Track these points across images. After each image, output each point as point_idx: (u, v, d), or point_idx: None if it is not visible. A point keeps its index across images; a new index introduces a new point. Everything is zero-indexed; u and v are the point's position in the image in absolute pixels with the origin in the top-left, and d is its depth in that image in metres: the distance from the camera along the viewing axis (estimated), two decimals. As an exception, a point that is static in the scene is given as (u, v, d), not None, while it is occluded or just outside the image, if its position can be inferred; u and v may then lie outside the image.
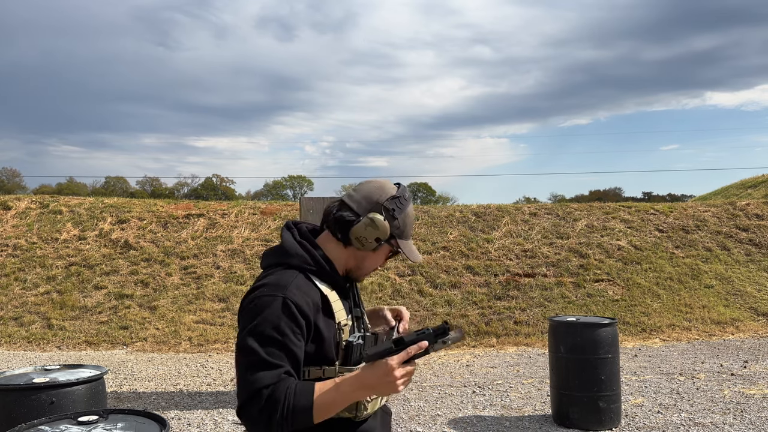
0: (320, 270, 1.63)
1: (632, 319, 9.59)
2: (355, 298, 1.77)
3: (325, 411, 1.50)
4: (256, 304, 1.54)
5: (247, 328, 1.53)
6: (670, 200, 43.26)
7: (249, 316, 1.54)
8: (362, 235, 1.62)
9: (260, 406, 1.48)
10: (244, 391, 1.50)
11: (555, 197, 56.86)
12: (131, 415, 2.04)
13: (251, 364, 1.50)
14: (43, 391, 3.03)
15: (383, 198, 1.64)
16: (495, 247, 11.57)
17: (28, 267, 11.10)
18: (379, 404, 1.69)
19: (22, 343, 9.17)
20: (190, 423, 5.48)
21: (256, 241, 11.80)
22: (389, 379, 1.46)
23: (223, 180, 65.49)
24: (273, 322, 1.51)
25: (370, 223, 1.61)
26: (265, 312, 1.52)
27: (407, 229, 1.69)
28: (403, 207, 1.65)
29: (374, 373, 1.48)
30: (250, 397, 1.49)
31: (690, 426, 5.10)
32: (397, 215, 1.63)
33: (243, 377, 1.51)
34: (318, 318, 1.58)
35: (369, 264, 1.71)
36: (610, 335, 5.07)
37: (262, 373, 1.50)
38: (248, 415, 1.50)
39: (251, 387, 1.49)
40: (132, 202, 13.86)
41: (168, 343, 9.02)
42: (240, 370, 1.52)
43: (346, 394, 1.50)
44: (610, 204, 13.82)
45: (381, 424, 1.75)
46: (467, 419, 5.44)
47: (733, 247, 11.78)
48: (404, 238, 1.68)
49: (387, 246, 1.68)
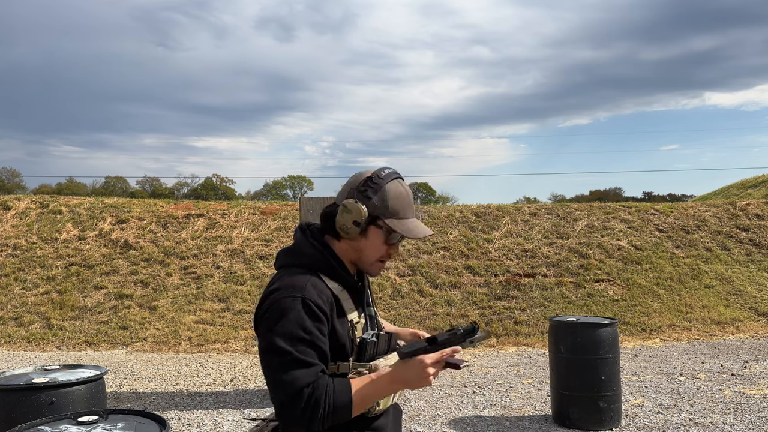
0: (330, 269, 1.65)
1: (632, 319, 9.58)
2: (367, 299, 1.78)
3: (361, 405, 1.56)
4: (277, 306, 1.56)
5: (273, 329, 1.53)
6: (671, 200, 43.24)
7: (272, 319, 1.55)
8: (342, 223, 1.65)
9: (302, 406, 1.49)
10: (282, 392, 1.51)
11: (555, 197, 56.86)
12: (131, 415, 2.04)
13: (285, 365, 1.51)
14: (43, 391, 3.03)
15: (356, 183, 1.67)
16: (495, 247, 11.57)
17: (27, 267, 11.09)
18: (391, 401, 1.69)
19: (21, 343, 9.17)
20: (189, 423, 5.48)
21: (256, 241, 11.80)
22: (423, 375, 1.55)
23: (223, 180, 65.51)
24: (298, 321, 1.53)
25: (344, 209, 1.64)
26: (289, 313, 1.54)
27: (393, 207, 1.66)
28: (378, 186, 1.65)
29: (409, 369, 1.56)
30: (291, 398, 1.50)
31: (690, 426, 5.10)
32: (371, 195, 1.64)
33: (279, 379, 1.51)
34: (333, 315, 1.61)
35: (369, 252, 1.70)
36: (611, 335, 5.07)
37: (298, 372, 1.51)
38: (290, 414, 1.50)
39: (291, 387, 1.50)
40: (132, 202, 13.86)
41: (168, 343, 9.02)
42: (273, 372, 1.52)
43: (382, 388, 1.57)
44: (611, 204, 13.82)
45: (393, 421, 1.77)
46: (467, 419, 5.44)
47: (734, 247, 11.78)
48: (395, 216, 1.67)
49: (374, 228, 1.67)
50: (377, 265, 1.72)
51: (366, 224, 1.65)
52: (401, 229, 1.66)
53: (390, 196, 1.66)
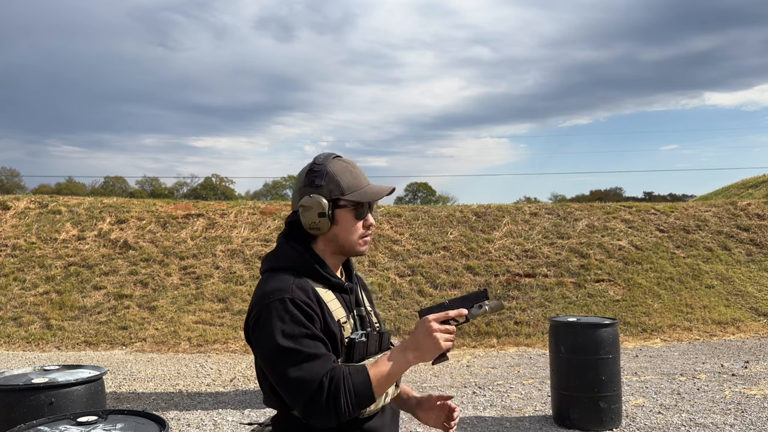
0: (313, 271, 1.63)
1: (633, 319, 9.57)
2: (357, 299, 1.75)
3: (382, 383, 1.54)
4: (267, 311, 1.54)
5: (271, 334, 1.52)
6: (671, 200, 43.21)
7: (267, 324, 1.54)
8: (309, 222, 1.63)
9: (325, 396, 1.48)
10: (303, 389, 1.49)
11: (555, 197, 56.82)
12: (130, 415, 2.03)
13: (297, 362, 1.50)
14: (42, 391, 3.02)
15: (301, 181, 1.66)
16: (495, 247, 11.56)
17: (27, 267, 11.08)
18: (383, 401, 1.66)
19: (21, 344, 9.16)
20: (189, 423, 5.46)
21: (255, 241, 11.79)
22: (430, 335, 1.52)
23: (223, 180, 65.51)
24: (294, 319, 1.52)
25: (303, 209, 1.62)
26: (283, 314, 1.52)
27: (347, 182, 1.64)
28: (321, 171, 1.63)
29: (415, 333, 1.55)
30: (313, 391, 1.48)
31: (691, 426, 5.09)
32: (320, 182, 1.62)
33: (294, 377, 1.49)
34: (323, 315, 1.59)
35: (346, 236, 1.67)
36: (611, 335, 5.06)
37: (311, 364, 1.50)
38: (316, 409, 1.48)
39: (310, 382, 1.48)
40: (131, 202, 13.85)
41: (167, 344, 9.01)
42: (286, 373, 1.50)
43: (397, 360, 1.55)
44: (611, 204, 13.81)
45: (390, 421, 1.74)
46: (467, 420, 5.43)
47: (734, 247, 11.77)
48: (353, 189, 1.65)
49: (340, 211, 1.64)
50: (361, 243, 1.70)
51: (331, 210, 1.63)
52: (364, 197, 1.65)
53: (338, 174, 1.64)
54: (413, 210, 13.11)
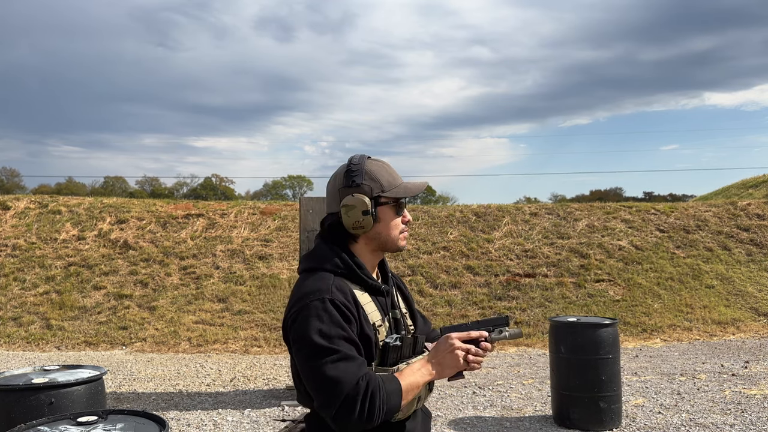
0: (351, 273, 1.65)
1: (633, 319, 9.57)
2: (393, 302, 1.76)
3: (409, 392, 1.58)
4: (307, 311, 1.55)
5: (309, 334, 1.52)
6: (671, 200, 43.20)
7: (305, 323, 1.54)
8: (353, 221, 1.64)
9: (361, 397, 1.48)
10: (337, 388, 1.49)
11: (555, 197, 56.78)
12: (130, 415, 2.03)
13: (333, 362, 1.50)
14: (42, 391, 3.02)
15: (339, 182, 1.67)
16: (495, 247, 11.56)
17: (27, 267, 11.08)
18: (416, 405, 1.67)
19: (21, 344, 9.16)
20: (189, 423, 5.46)
21: (255, 241, 11.79)
22: (452, 353, 1.61)
23: (223, 180, 65.42)
24: (333, 320, 1.53)
25: (347, 209, 1.64)
26: (321, 314, 1.53)
27: (385, 179, 1.68)
28: (358, 171, 1.65)
29: (438, 348, 1.63)
30: (349, 392, 1.48)
31: (691, 426, 5.08)
32: (359, 181, 1.64)
33: (331, 376, 1.49)
34: (360, 317, 1.61)
35: (388, 232, 1.70)
36: (611, 335, 5.06)
37: (346, 365, 1.51)
38: (349, 410, 1.48)
39: (346, 382, 1.49)
40: (131, 202, 13.84)
41: (167, 344, 9.01)
42: (322, 371, 1.50)
43: (420, 372, 1.60)
44: (611, 204, 13.81)
45: (422, 426, 1.76)
46: (467, 420, 5.43)
47: (734, 247, 11.77)
48: (391, 187, 1.68)
49: (382, 208, 1.67)
50: (401, 238, 1.73)
51: (374, 208, 1.65)
52: (403, 193, 1.68)
53: (376, 172, 1.67)
54: (413, 210, 13.11)
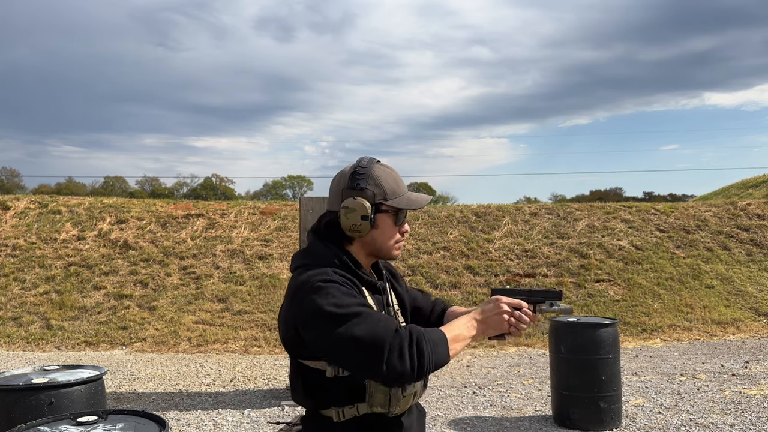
0: (347, 270, 1.64)
1: (633, 319, 9.57)
2: (387, 300, 1.76)
3: (456, 343, 1.56)
4: (314, 290, 1.52)
5: (323, 307, 1.49)
6: (671, 200, 43.20)
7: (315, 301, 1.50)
8: (350, 224, 1.63)
9: (408, 342, 1.47)
10: (377, 342, 1.45)
11: (555, 197, 56.79)
12: (130, 415, 2.03)
13: (360, 322, 1.47)
14: (42, 391, 3.01)
15: (344, 182, 1.66)
16: (495, 247, 11.56)
17: (27, 267, 11.08)
18: (412, 401, 1.66)
19: (21, 344, 9.16)
20: (189, 423, 5.46)
21: (255, 241, 11.79)
22: (499, 314, 1.62)
23: (223, 180, 65.42)
24: (343, 293, 1.53)
25: (346, 211, 1.62)
26: (329, 290, 1.52)
27: (390, 187, 1.66)
28: (365, 175, 1.64)
29: (485, 308, 1.64)
30: (391, 342, 1.46)
31: (691, 426, 5.08)
32: (364, 185, 1.63)
33: (363, 335, 1.46)
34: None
35: (384, 240, 1.69)
36: (611, 335, 5.06)
37: (376, 320, 1.49)
38: (400, 358, 1.46)
39: (384, 334, 1.47)
40: (131, 202, 13.84)
41: (167, 344, 9.01)
42: (352, 335, 1.46)
43: (466, 326, 1.60)
44: (611, 204, 13.81)
45: (417, 422, 1.75)
46: (467, 420, 5.43)
47: (734, 247, 11.77)
48: (396, 195, 1.67)
49: (382, 215, 1.66)
50: (396, 248, 1.72)
51: (373, 214, 1.63)
52: (405, 204, 1.67)
53: (382, 179, 1.66)
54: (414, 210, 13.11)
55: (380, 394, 1.56)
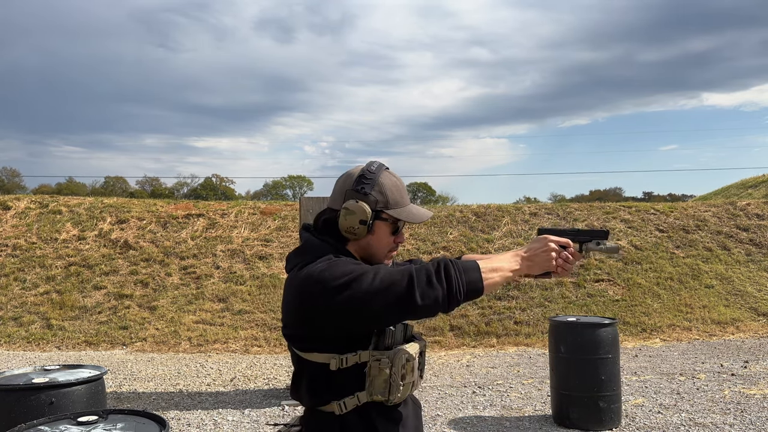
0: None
1: (632, 319, 9.58)
2: None
3: (492, 273, 1.54)
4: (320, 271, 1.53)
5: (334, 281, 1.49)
6: (671, 200, 43.19)
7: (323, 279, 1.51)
8: (348, 226, 1.63)
9: (435, 268, 1.49)
10: (402, 277, 1.48)
11: (555, 197, 56.78)
12: (131, 415, 2.03)
13: (376, 274, 1.50)
14: (43, 391, 3.02)
15: (349, 184, 1.66)
16: (495, 247, 11.56)
17: (27, 267, 11.09)
18: (409, 391, 1.67)
19: (21, 344, 9.16)
20: (189, 423, 5.47)
21: (255, 241, 11.79)
22: (546, 252, 1.61)
23: (223, 180, 65.42)
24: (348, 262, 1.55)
25: (346, 212, 1.63)
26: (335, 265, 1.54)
27: (393, 197, 1.67)
28: (371, 180, 1.65)
29: (533, 245, 1.63)
30: (417, 269, 1.50)
31: (690, 426, 5.09)
32: (369, 190, 1.63)
33: (385, 278, 1.49)
34: None
35: (378, 247, 1.69)
36: (611, 335, 5.06)
37: (392, 268, 1.53)
38: (429, 282, 1.48)
39: (405, 270, 1.50)
40: (131, 202, 13.85)
41: (168, 344, 9.02)
42: (372, 286, 1.48)
43: (508, 260, 1.59)
44: (611, 204, 13.81)
45: (413, 414, 1.76)
46: (467, 419, 5.44)
47: (734, 247, 11.78)
48: (396, 206, 1.67)
49: (380, 222, 1.66)
50: (388, 256, 1.72)
51: (372, 221, 1.64)
52: (405, 216, 1.67)
53: (387, 187, 1.66)
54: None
55: (381, 380, 1.56)
